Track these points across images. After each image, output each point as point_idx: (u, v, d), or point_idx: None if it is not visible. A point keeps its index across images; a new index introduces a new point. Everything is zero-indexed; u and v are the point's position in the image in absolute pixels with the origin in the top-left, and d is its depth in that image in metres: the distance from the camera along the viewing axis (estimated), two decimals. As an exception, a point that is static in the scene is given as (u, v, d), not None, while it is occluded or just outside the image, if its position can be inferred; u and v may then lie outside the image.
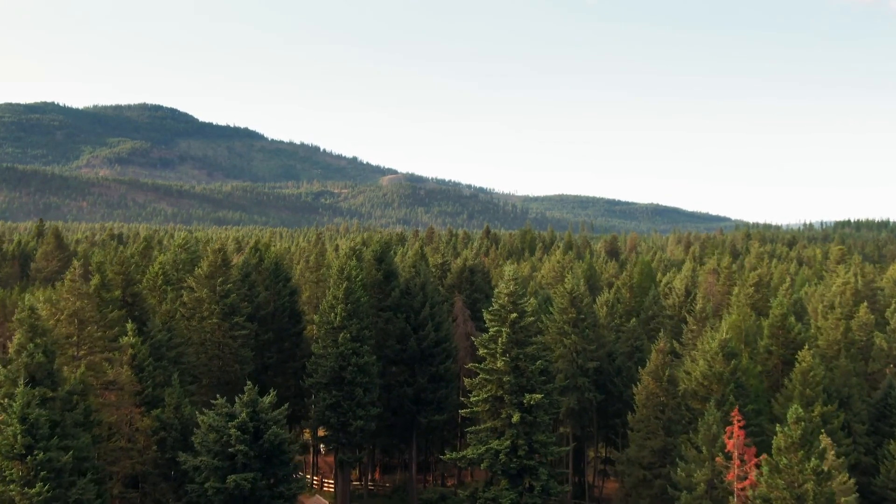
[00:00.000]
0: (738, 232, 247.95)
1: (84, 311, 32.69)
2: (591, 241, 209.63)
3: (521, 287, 37.26)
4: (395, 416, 48.94)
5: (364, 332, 45.33)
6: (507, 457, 34.35)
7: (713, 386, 39.56)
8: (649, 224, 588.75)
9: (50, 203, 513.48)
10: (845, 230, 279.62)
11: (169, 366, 38.19)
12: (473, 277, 60.12)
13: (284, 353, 51.07)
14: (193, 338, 45.47)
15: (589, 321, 53.97)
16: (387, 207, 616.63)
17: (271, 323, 50.25)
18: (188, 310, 46.14)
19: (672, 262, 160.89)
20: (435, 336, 48.63)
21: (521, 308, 36.77)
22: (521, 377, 35.72)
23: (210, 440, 26.72)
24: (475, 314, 59.32)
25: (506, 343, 35.71)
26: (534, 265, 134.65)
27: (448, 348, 49.23)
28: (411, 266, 51.72)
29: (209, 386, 45.86)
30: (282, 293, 50.86)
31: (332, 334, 45.07)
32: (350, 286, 45.25)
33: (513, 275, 37.23)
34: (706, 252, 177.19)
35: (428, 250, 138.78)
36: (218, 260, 46.47)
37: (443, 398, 48.52)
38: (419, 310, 49.13)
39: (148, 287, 46.83)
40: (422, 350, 48.49)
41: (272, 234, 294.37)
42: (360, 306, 45.59)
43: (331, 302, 45.40)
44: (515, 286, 36.69)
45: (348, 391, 44.38)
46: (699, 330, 47.28)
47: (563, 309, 53.52)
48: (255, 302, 48.99)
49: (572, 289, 53.80)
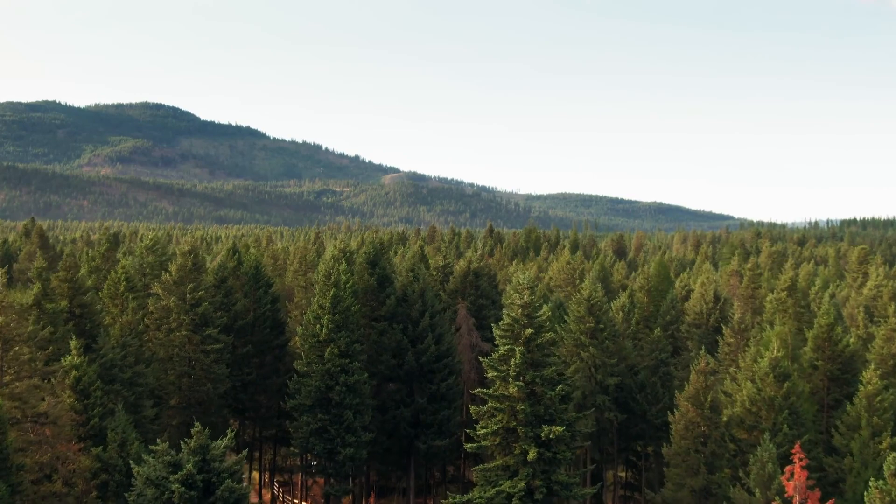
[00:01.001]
0: (748, 231, 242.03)
1: (9, 327, 26.90)
2: (596, 239, 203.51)
3: (536, 297, 31.33)
4: (391, 440, 43.11)
5: (354, 345, 39.50)
6: (521, 501, 28.48)
7: (762, 412, 33.62)
8: (652, 223, 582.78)
9: (50, 202, 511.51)
10: (851, 228, 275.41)
11: (122, 390, 32.49)
12: (478, 282, 54.21)
13: (266, 369, 45.27)
14: (159, 353, 39.75)
15: (608, 331, 48.08)
16: (389, 206, 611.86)
17: (251, 334, 44.44)
18: (154, 321, 40.38)
19: (683, 261, 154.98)
20: (436, 350, 42.75)
21: (537, 322, 30.84)
22: (537, 405, 29.81)
23: (148, 497, 21.00)
24: (481, 322, 53.44)
25: (520, 365, 29.78)
26: (540, 266, 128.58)
27: (451, 363, 43.35)
28: (409, 270, 45.80)
29: (178, 408, 40.16)
30: (262, 301, 44.99)
31: (318, 349, 39.25)
32: (338, 294, 39.41)
33: (527, 282, 31.30)
34: (719, 251, 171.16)
35: (429, 250, 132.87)
36: (188, 263, 40.67)
37: (445, 420, 42.66)
38: (418, 320, 43.25)
39: (109, 295, 41.11)
40: (421, 366, 42.62)
41: (273, 233, 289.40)
42: (349, 316, 39.77)
43: (316, 312, 39.56)
44: (530, 296, 30.76)
45: (336, 414, 38.61)
46: (737, 343, 41.26)
47: (580, 318, 47.61)
48: (232, 311, 43.21)
49: (590, 295, 47.89)
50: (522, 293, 30.90)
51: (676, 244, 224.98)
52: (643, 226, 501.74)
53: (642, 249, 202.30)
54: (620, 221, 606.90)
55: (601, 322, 47.73)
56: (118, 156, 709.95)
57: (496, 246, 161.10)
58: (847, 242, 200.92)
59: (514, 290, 35.09)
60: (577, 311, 47.91)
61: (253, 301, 44.61)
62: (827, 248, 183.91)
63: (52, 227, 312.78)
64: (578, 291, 49.11)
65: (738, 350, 40.29)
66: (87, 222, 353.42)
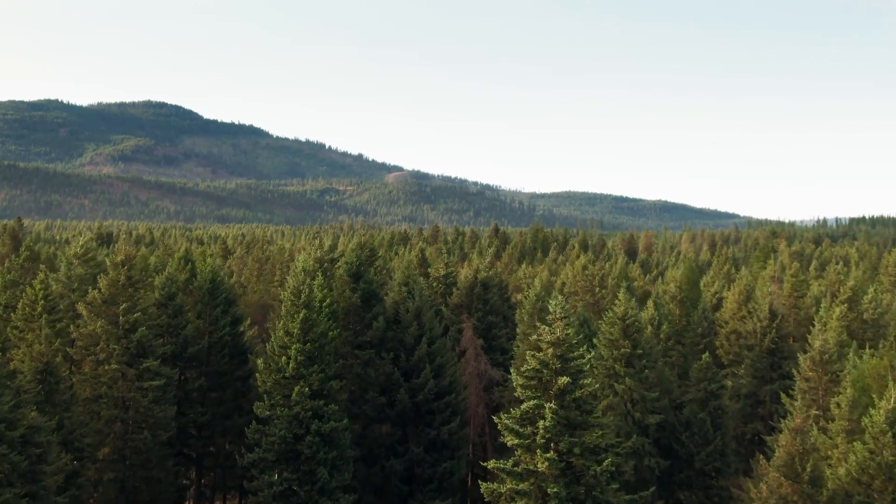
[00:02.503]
0: (760, 230, 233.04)
1: None
2: (605, 239, 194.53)
3: (574, 330, 22.44)
4: (379, 499, 34.34)
5: (331, 383, 30.76)
6: None
7: (876, 482, 24.70)
8: (657, 221, 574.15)
9: (51, 201, 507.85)
10: (861, 227, 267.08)
11: (10, 453, 23.88)
12: (487, 294, 45.32)
13: (226, 406, 36.46)
14: (84, 392, 31.17)
15: (647, 358, 39.23)
16: (392, 205, 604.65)
17: (205, 364, 35.69)
18: (77, 350, 31.77)
19: (700, 263, 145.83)
20: (435, 385, 33.92)
21: (574, 367, 22.00)
22: (576, 485, 20.97)
23: None
24: (490, 343, 44.59)
25: (551, 428, 20.95)
26: (550, 268, 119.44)
27: (454, 402, 34.46)
28: (402, 284, 36.92)
29: (108, 461, 31.56)
30: (220, 322, 36.14)
31: (284, 387, 30.54)
32: (310, 316, 30.68)
33: (560, 311, 22.43)
34: (736, 252, 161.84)
35: (431, 252, 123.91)
36: (121, 278, 32.00)
37: (446, 474, 33.80)
38: (413, 347, 34.43)
39: (23, 318, 32.53)
40: (416, 405, 33.82)
41: (274, 232, 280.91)
42: (325, 345, 31.06)
43: (282, 340, 30.82)
44: (565, 330, 21.89)
45: (307, 472, 29.91)
46: (819, 379, 32.23)
47: (613, 341, 38.74)
48: (181, 336, 34.52)
49: (625, 313, 39.02)
50: (554, 326, 22.02)
51: (685, 243, 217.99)
52: (648, 224, 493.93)
53: (652, 249, 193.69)
54: (625, 220, 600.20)
55: (639, 346, 38.86)
56: (120, 155, 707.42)
57: (503, 248, 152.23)
58: (863, 241, 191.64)
59: (540, 320, 26.18)
60: (610, 332, 39.03)
61: (208, 322, 35.82)
62: (846, 248, 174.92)
63: (51, 226, 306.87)
64: (611, 309, 40.14)
65: (825, 391, 31.26)
66: (86, 222, 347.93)
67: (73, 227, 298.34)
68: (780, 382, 44.70)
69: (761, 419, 45.70)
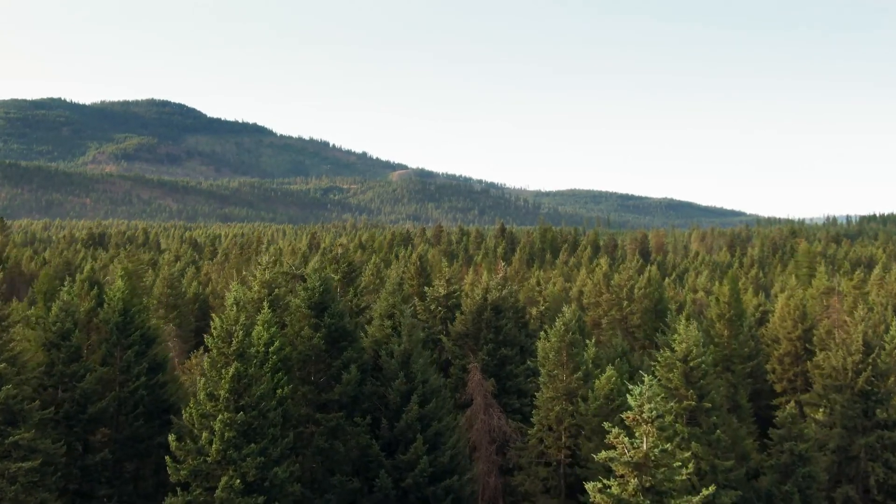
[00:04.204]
0: (775, 228, 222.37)
1: None
2: (616, 238, 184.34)
3: (674, 444, 12.44)
4: None
5: (275, 470, 20.91)
6: None
7: None
8: (663, 219, 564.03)
9: (53, 200, 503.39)
10: (871, 225, 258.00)
11: None
12: (499, 321, 35.11)
13: (146, 484, 26.57)
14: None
15: (718, 413, 29.14)
16: (397, 203, 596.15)
17: (113, 428, 25.81)
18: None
19: (721, 265, 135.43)
20: (430, 462, 23.87)
21: (666, 487, 11.92)
22: None
23: None
24: (503, 385, 34.38)
25: None
26: (563, 272, 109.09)
27: (457, 486, 24.32)
28: (385, 316, 26.78)
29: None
30: (135, 367, 26.16)
31: (205, 478, 20.70)
32: (245, 371, 20.81)
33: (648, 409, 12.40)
34: (757, 251, 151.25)
35: (433, 254, 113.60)
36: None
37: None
38: (399, 408, 24.40)
39: None
40: (404, 492, 23.84)
41: (275, 231, 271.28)
42: (269, 411, 21.22)
43: (203, 406, 20.98)
44: (656, 443, 11.81)
45: None
46: None
47: (673, 391, 28.69)
48: (77, 390, 24.71)
49: (688, 353, 28.93)
50: (638, 435, 11.90)
51: (695, 242, 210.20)
52: (654, 222, 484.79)
53: (665, 250, 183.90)
54: (631, 218, 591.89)
55: (706, 396, 28.83)
56: (123, 153, 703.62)
57: (510, 249, 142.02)
58: (883, 240, 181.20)
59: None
60: (667, 378, 28.94)
61: (118, 370, 25.89)
62: (868, 247, 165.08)
63: (49, 226, 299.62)
64: (665, 350, 29.93)
65: None
66: (86, 221, 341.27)
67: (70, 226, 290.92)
68: (877, 434, 34.70)
69: (850, 480, 35.72)
